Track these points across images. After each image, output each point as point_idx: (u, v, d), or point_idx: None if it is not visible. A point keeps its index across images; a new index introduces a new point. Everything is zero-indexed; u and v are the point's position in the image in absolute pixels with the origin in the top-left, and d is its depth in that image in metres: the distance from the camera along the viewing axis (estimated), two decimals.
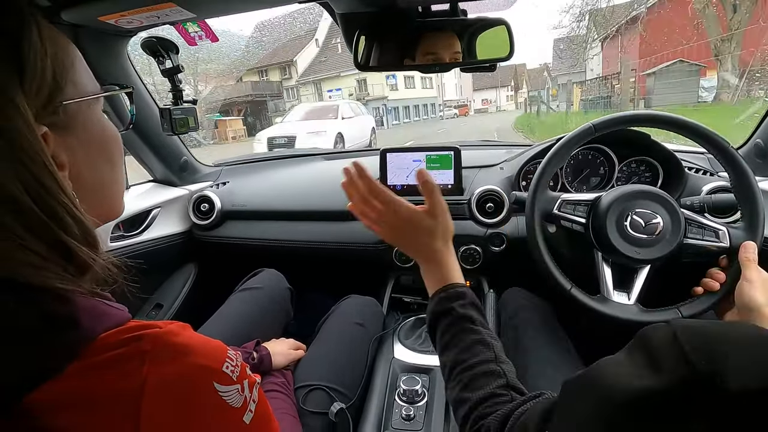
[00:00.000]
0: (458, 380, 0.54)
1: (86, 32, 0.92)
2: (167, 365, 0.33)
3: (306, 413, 0.80)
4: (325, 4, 0.83)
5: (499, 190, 1.15)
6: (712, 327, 0.28)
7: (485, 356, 0.54)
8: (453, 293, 0.60)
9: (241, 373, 0.37)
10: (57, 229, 0.32)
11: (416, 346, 1.03)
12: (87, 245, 0.34)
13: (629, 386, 0.27)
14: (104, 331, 0.33)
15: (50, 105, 0.35)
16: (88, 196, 0.38)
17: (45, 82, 0.34)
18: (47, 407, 0.30)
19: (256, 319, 1.02)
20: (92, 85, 0.41)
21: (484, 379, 0.52)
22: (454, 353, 0.56)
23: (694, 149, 1.15)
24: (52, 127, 0.34)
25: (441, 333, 0.59)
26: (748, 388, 0.23)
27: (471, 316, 0.58)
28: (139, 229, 1.24)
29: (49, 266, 0.32)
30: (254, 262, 1.21)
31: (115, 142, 0.44)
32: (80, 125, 0.38)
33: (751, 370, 0.24)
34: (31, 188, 0.31)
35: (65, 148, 0.36)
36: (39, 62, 0.34)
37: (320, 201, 1.30)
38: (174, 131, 1.07)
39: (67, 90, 0.37)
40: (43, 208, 0.31)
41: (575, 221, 0.86)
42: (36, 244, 0.31)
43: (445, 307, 0.59)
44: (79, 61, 0.40)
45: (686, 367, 0.25)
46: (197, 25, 0.98)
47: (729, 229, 0.79)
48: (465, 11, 0.82)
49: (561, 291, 0.83)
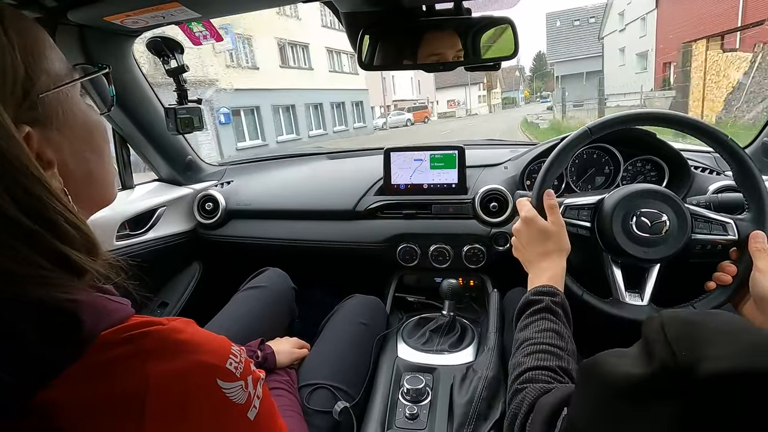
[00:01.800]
0: (523, 351, 0.61)
1: (92, 32, 0.92)
2: (171, 362, 0.33)
3: (310, 412, 0.81)
4: (329, 3, 0.83)
5: (504, 189, 1.14)
6: (694, 316, 0.30)
7: (555, 342, 0.60)
8: (548, 291, 0.68)
9: (245, 370, 0.37)
10: (53, 239, 0.31)
11: (420, 346, 1.03)
12: (86, 252, 0.34)
13: (622, 373, 0.30)
14: (108, 328, 0.33)
15: (27, 101, 0.34)
16: (79, 188, 0.38)
17: (18, 80, 0.33)
18: (53, 407, 0.30)
19: (261, 318, 1.02)
20: (65, 69, 0.39)
21: (547, 356, 0.58)
22: (528, 332, 0.63)
23: (700, 148, 1.14)
24: (33, 123, 0.33)
25: (525, 316, 0.67)
26: (717, 371, 0.25)
27: (556, 311, 0.65)
28: (145, 228, 1.25)
29: (48, 277, 0.31)
30: (258, 261, 1.21)
31: (99, 129, 0.43)
32: (61, 116, 0.37)
33: (723, 354, 0.26)
34: (21, 199, 0.30)
35: (50, 144, 0.35)
36: (8, 59, 0.32)
37: (324, 200, 1.31)
38: (179, 131, 1.08)
39: (41, 81, 0.35)
40: (36, 218, 0.30)
41: (580, 226, 0.85)
42: (32, 256, 0.30)
43: (536, 299, 0.68)
44: (49, 46, 0.38)
45: (669, 355, 0.27)
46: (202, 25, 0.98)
47: (736, 222, 0.78)
48: (469, 10, 0.82)
49: (572, 297, 0.81)
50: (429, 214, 1.20)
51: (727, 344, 0.27)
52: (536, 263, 0.75)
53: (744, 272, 0.74)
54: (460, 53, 0.87)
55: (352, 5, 0.81)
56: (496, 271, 1.20)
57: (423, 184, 1.23)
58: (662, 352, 0.28)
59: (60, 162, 0.36)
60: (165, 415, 0.32)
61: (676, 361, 0.27)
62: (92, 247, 0.34)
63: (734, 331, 0.28)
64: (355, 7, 0.81)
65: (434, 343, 1.04)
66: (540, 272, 0.73)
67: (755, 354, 0.26)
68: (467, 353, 1.00)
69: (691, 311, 0.32)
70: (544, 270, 0.73)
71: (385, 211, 1.24)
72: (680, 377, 0.26)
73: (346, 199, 1.27)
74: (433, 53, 0.86)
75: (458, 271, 1.19)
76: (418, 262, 1.20)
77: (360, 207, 1.24)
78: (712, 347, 0.26)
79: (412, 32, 0.86)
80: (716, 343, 0.27)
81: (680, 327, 0.29)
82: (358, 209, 1.24)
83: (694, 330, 0.28)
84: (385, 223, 1.23)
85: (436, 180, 1.23)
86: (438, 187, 1.23)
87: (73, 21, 0.85)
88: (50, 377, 0.30)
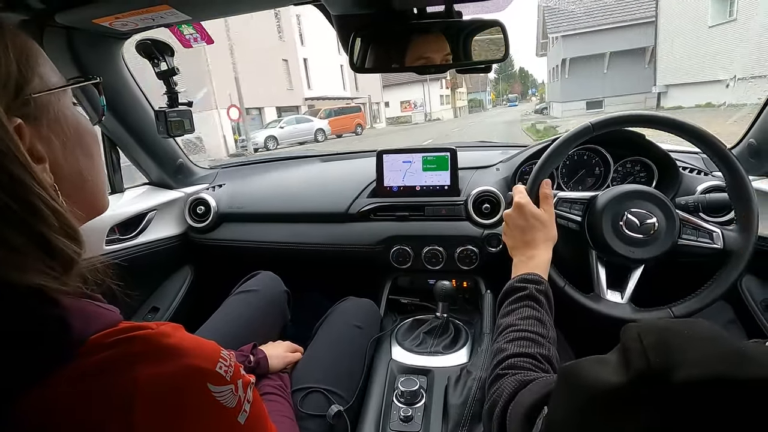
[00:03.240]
0: (506, 337, 0.61)
1: (80, 35, 0.91)
2: (160, 366, 0.33)
3: (303, 416, 0.80)
4: (320, 6, 0.83)
5: (496, 190, 1.15)
6: (670, 324, 0.31)
7: (537, 330, 0.61)
8: (533, 279, 0.69)
9: (234, 374, 0.37)
10: (34, 222, 0.32)
11: (414, 348, 1.03)
12: (67, 237, 0.34)
13: (601, 381, 0.30)
14: (95, 333, 0.33)
15: (19, 97, 0.35)
16: (70, 189, 0.38)
17: (11, 75, 0.34)
18: (41, 411, 0.30)
19: (253, 322, 1.01)
20: (57, 77, 0.41)
21: (529, 343, 0.59)
22: (511, 318, 0.64)
23: (688, 149, 1.15)
24: (25, 118, 0.34)
25: (508, 303, 0.68)
26: (691, 379, 0.26)
27: (539, 299, 0.66)
28: (135, 232, 1.23)
29: (30, 262, 0.31)
30: (250, 264, 1.20)
31: (91, 135, 0.44)
32: (53, 118, 0.38)
33: (696, 362, 0.26)
34: (3, 181, 0.30)
35: (41, 140, 0.36)
36: (2, 59, 0.34)
37: (317, 202, 1.30)
38: (169, 133, 1.07)
39: (34, 82, 0.37)
40: (17, 200, 0.31)
41: (571, 219, 0.87)
42: (15, 238, 0.31)
43: (521, 286, 0.68)
44: (43, 57, 0.40)
45: (644, 363, 0.28)
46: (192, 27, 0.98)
47: (723, 231, 0.80)
48: (460, 13, 0.82)
49: (554, 288, 0.83)
50: (422, 216, 1.21)
51: (701, 352, 0.27)
52: (522, 249, 0.76)
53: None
54: (450, 55, 0.87)
55: (344, 8, 0.81)
56: (489, 272, 1.21)
57: (416, 186, 1.24)
58: (638, 360, 0.28)
59: (52, 160, 0.37)
60: (154, 418, 0.32)
61: (651, 369, 0.27)
62: (72, 234, 0.34)
63: (708, 339, 0.29)
64: (346, 9, 0.81)
65: (428, 345, 1.04)
66: (526, 259, 0.74)
67: (729, 362, 0.26)
68: (461, 354, 1.00)
69: (668, 320, 0.33)
70: (530, 257, 0.74)
71: (378, 214, 1.24)
72: (655, 384, 0.27)
73: (338, 201, 1.26)
74: (423, 55, 0.86)
75: (451, 272, 1.20)
76: (412, 264, 1.20)
77: (353, 209, 1.24)
78: (685, 354, 0.27)
79: (404, 35, 0.86)
80: (690, 350, 0.28)
81: (656, 335, 0.29)
82: (350, 212, 1.24)
83: (669, 338, 0.29)
84: (378, 225, 1.23)
85: (429, 182, 1.23)
86: (430, 189, 1.23)
87: (61, 23, 0.84)
88: (39, 380, 0.30)
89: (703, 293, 0.78)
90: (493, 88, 55.55)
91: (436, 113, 34.66)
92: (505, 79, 65.31)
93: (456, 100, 41.78)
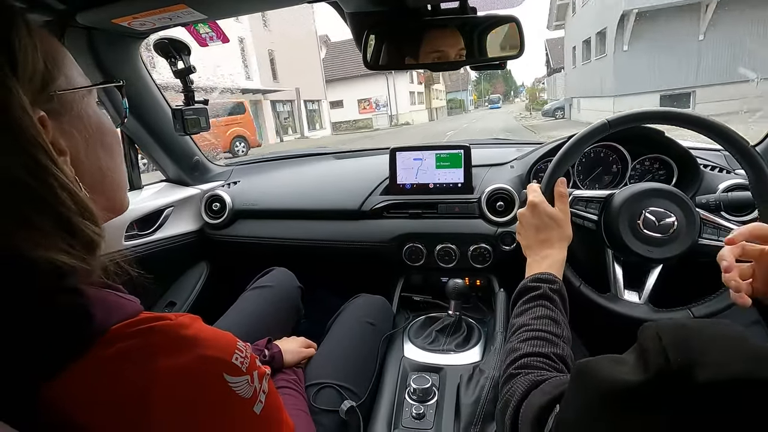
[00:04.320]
0: (519, 336, 0.61)
1: (100, 35, 0.93)
2: (178, 357, 0.34)
3: (317, 411, 0.81)
4: (335, 3, 0.84)
5: (510, 188, 1.14)
6: (690, 324, 0.30)
7: (551, 329, 0.60)
8: (547, 278, 0.68)
9: (250, 365, 0.38)
10: (54, 202, 0.33)
11: (426, 345, 1.03)
12: (86, 219, 0.35)
13: (618, 380, 0.30)
14: (116, 323, 0.34)
15: (44, 92, 0.36)
16: (91, 185, 0.39)
17: (37, 71, 0.35)
18: (63, 399, 0.31)
19: (268, 317, 1.03)
20: (83, 80, 0.42)
21: (542, 342, 0.58)
22: (525, 318, 0.63)
23: (709, 146, 1.12)
24: (49, 113, 0.35)
25: (522, 302, 0.67)
26: (715, 379, 0.25)
27: (553, 299, 0.65)
28: (152, 228, 1.26)
29: (53, 241, 0.32)
30: (265, 260, 1.22)
31: (113, 134, 0.45)
32: (76, 115, 0.39)
33: (719, 362, 0.26)
34: (28, 164, 0.32)
35: (64, 134, 0.37)
36: (30, 55, 0.35)
37: (330, 200, 1.31)
38: (186, 131, 1.09)
39: (60, 80, 0.38)
40: (38, 181, 0.32)
41: (587, 218, 0.85)
42: (38, 219, 0.32)
43: (534, 285, 0.67)
44: (69, 59, 0.41)
45: (664, 362, 0.27)
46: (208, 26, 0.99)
47: None
48: (474, 9, 0.81)
49: (570, 288, 0.82)
50: (435, 213, 1.20)
51: (724, 352, 0.27)
52: (537, 249, 0.75)
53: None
54: (463, 52, 0.86)
55: (358, 5, 0.81)
56: (503, 270, 1.20)
57: (429, 183, 1.23)
58: (658, 359, 0.28)
59: (73, 155, 0.38)
60: (172, 408, 0.33)
61: (671, 368, 0.27)
62: (89, 215, 0.36)
63: (730, 338, 0.28)
64: (360, 7, 0.81)
65: (440, 343, 1.04)
66: (540, 259, 0.73)
67: (753, 362, 0.26)
68: (474, 353, 0.99)
69: (687, 319, 0.32)
70: (544, 257, 0.73)
71: (391, 211, 1.24)
72: (676, 384, 0.26)
73: (352, 198, 1.27)
74: (438, 52, 0.85)
75: (464, 270, 1.19)
76: (424, 261, 1.20)
77: (366, 207, 1.25)
78: (708, 355, 0.26)
79: (417, 32, 0.86)
80: (713, 351, 0.27)
81: (676, 334, 0.29)
82: (363, 209, 1.25)
83: (690, 337, 0.28)
84: (390, 222, 1.23)
85: (442, 179, 1.22)
86: (444, 187, 1.22)
87: (81, 24, 0.86)
88: (60, 368, 0.31)
89: (724, 293, 0.76)
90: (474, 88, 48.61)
91: (405, 115, 25.63)
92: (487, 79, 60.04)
93: (431, 99, 33.26)
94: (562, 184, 0.79)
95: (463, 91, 43.91)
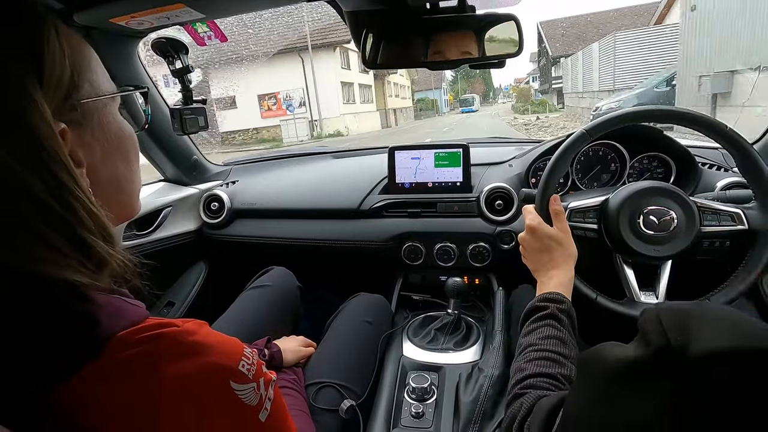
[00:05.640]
0: (525, 356, 0.61)
1: (98, 34, 0.93)
2: (184, 364, 0.33)
3: (317, 410, 0.81)
4: (333, 2, 0.83)
5: (509, 187, 1.14)
6: (687, 307, 0.32)
7: (558, 349, 0.60)
8: (555, 298, 0.68)
9: (257, 372, 0.38)
10: (73, 223, 0.33)
11: (425, 344, 1.03)
12: (103, 240, 0.35)
13: (619, 357, 0.32)
14: (123, 329, 0.33)
15: (68, 102, 0.36)
16: (105, 194, 0.39)
17: (63, 81, 0.35)
18: (69, 406, 0.31)
19: (267, 317, 1.02)
20: (108, 85, 0.42)
21: (549, 362, 0.58)
22: (532, 338, 0.64)
23: (707, 144, 1.13)
24: (69, 124, 0.35)
25: (529, 322, 0.67)
26: (711, 350, 0.27)
27: (561, 318, 0.65)
28: (151, 228, 1.26)
29: (66, 260, 0.32)
30: (264, 260, 1.21)
31: (131, 141, 0.45)
32: (96, 123, 0.39)
33: (715, 337, 0.28)
34: (48, 182, 0.31)
35: (82, 145, 0.37)
36: (57, 62, 0.34)
37: (329, 199, 1.31)
38: (184, 131, 1.08)
39: (84, 89, 0.37)
40: (59, 202, 0.32)
41: (587, 228, 0.84)
42: (53, 237, 0.32)
43: (542, 305, 0.68)
44: (96, 62, 0.41)
45: (664, 340, 0.29)
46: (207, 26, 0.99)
47: (745, 211, 0.78)
48: (473, 7, 0.81)
49: (587, 301, 0.81)
50: (434, 212, 1.20)
51: (718, 329, 0.29)
52: (544, 271, 0.74)
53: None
54: (464, 50, 0.86)
55: (356, 4, 0.81)
56: (502, 269, 1.20)
57: (427, 182, 1.23)
58: (658, 339, 0.29)
59: (90, 165, 0.37)
60: (179, 416, 0.32)
61: (670, 345, 0.28)
62: (108, 237, 0.35)
63: (725, 318, 0.30)
64: (358, 5, 0.81)
65: (439, 342, 1.04)
66: (547, 279, 0.73)
67: (748, 336, 0.28)
68: (473, 352, 1.00)
69: (688, 303, 0.34)
70: (551, 277, 0.72)
71: (390, 210, 1.24)
72: (674, 358, 0.28)
73: (350, 197, 1.27)
74: (436, 51, 0.85)
75: (463, 269, 1.19)
76: (423, 260, 1.20)
77: (365, 206, 1.25)
78: (703, 331, 0.28)
79: (416, 30, 0.86)
80: (708, 328, 0.29)
81: (675, 316, 0.30)
82: (362, 208, 1.25)
83: (688, 318, 0.30)
84: (389, 221, 1.23)
85: (441, 178, 1.23)
86: (443, 186, 1.22)
87: (79, 23, 0.86)
88: (67, 375, 0.31)
89: (739, 277, 0.76)
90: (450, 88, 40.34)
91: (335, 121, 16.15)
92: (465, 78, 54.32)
93: (386, 97, 22.62)
94: (555, 202, 0.78)
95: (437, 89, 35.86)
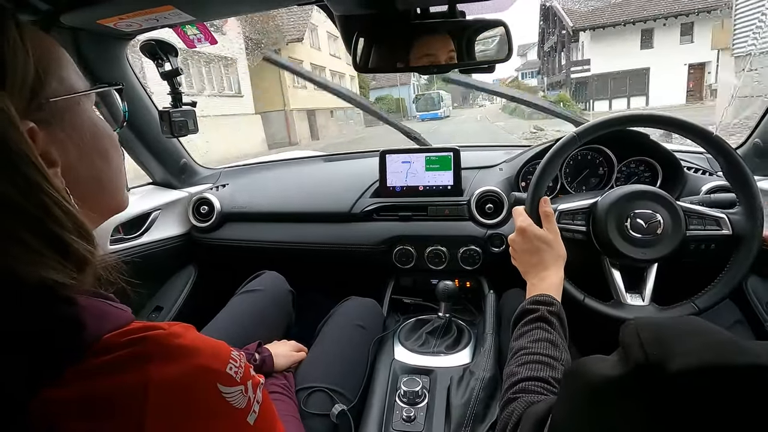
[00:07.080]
0: (517, 360, 0.61)
1: (85, 36, 0.92)
2: (171, 366, 0.33)
3: (308, 415, 0.80)
4: (324, 6, 0.83)
5: (499, 190, 1.15)
6: (665, 321, 0.33)
7: (549, 352, 0.60)
8: (545, 300, 0.68)
9: (244, 374, 0.38)
10: (48, 222, 0.32)
11: (416, 348, 1.03)
12: (80, 237, 0.34)
13: (601, 374, 0.32)
14: (108, 332, 0.33)
15: (34, 101, 0.35)
16: (85, 192, 0.38)
17: (27, 79, 0.34)
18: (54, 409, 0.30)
19: (258, 321, 1.02)
20: (80, 83, 0.41)
21: (541, 366, 0.58)
22: (523, 341, 0.64)
23: (693, 149, 1.15)
24: (39, 123, 0.34)
25: (520, 326, 0.67)
26: (686, 367, 0.27)
27: (551, 321, 0.65)
28: (139, 232, 1.24)
29: (45, 260, 0.32)
30: (255, 264, 1.20)
31: (109, 139, 0.44)
32: (69, 122, 0.38)
33: (691, 352, 0.28)
34: (19, 184, 0.31)
35: (56, 144, 0.36)
36: (20, 61, 0.34)
37: (320, 203, 1.31)
38: (173, 134, 1.07)
39: (52, 87, 0.37)
40: (33, 203, 0.31)
41: (576, 230, 0.85)
42: (30, 238, 0.31)
43: (532, 308, 0.68)
44: (66, 59, 0.40)
45: (642, 356, 0.30)
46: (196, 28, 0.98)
47: (729, 216, 0.79)
48: (463, 12, 0.82)
49: (574, 302, 0.82)
50: (425, 216, 1.21)
51: (695, 343, 0.29)
52: (533, 273, 0.75)
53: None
54: (453, 55, 0.87)
55: (347, 8, 0.81)
56: (492, 272, 1.21)
57: (418, 186, 1.24)
58: (636, 354, 0.30)
59: (66, 164, 0.37)
60: (165, 417, 0.32)
61: (648, 361, 0.29)
62: (86, 234, 0.35)
63: (703, 332, 0.31)
64: (349, 9, 0.81)
65: (431, 345, 1.04)
66: (537, 281, 0.73)
67: (723, 351, 0.28)
68: (464, 355, 1.00)
69: (664, 318, 0.35)
70: (541, 279, 0.73)
71: (381, 214, 1.24)
72: (652, 374, 0.29)
73: (341, 201, 1.27)
74: (426, 55, 0.86)
75: (454, 272, 1.20)
76: (415, 264, 1.20)
77: (356, 209, 1.24)
78: (680, 346, 0.29)
79: (407, 35, 0.86)
80: (684, 342, 0.29)
81: (653, 331, 0.31)
82: (353, 212, 1.24)
83: (665, 332, 0.31)
84: (381, 225, 1.23)
85: (432, 182, 1.23)
86: (433, 189, 1.23)
87: (66, 24, 0.84)
88: (52, 378, 0.30)
89: (723, 280, 0.78)
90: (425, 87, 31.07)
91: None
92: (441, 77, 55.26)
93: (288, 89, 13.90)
94: (545, 204, 0.79)
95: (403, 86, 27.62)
